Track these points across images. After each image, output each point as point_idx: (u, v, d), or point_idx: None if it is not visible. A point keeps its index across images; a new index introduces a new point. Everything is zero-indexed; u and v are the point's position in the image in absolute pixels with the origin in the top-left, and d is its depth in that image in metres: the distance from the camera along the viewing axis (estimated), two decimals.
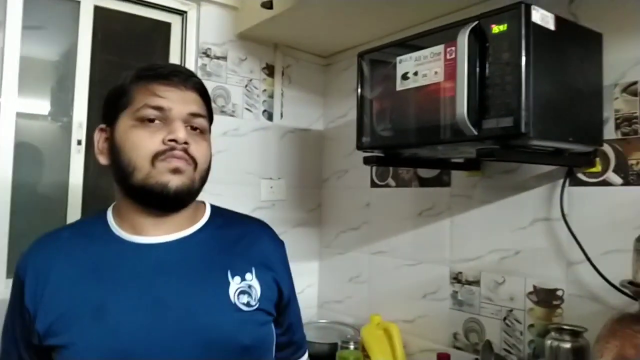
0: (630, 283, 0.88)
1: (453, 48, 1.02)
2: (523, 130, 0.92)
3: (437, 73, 1.06)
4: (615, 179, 1.13)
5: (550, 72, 0.98)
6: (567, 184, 1.20)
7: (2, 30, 1.42)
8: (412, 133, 1.15)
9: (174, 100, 0.83)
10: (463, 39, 0.98)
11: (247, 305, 0.85)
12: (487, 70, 0.98)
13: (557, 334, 1.10)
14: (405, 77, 1.14)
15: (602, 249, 1.13)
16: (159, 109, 0.82)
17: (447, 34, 1.04)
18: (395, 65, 1.16)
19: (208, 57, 1.73)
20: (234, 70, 1.79)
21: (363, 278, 1.79)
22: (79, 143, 1.55)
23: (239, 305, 0.84)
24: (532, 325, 1.27)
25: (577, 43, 1.06)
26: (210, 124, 0.93)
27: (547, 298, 1.24)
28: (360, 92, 1.28)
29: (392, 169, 1.71)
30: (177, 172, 0.82)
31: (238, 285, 0.86)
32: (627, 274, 0.92)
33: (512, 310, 1.32)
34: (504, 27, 0.95)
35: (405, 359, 1.51)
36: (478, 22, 0.98)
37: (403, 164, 1.51)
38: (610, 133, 1.14)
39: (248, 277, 0.88)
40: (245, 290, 0.86)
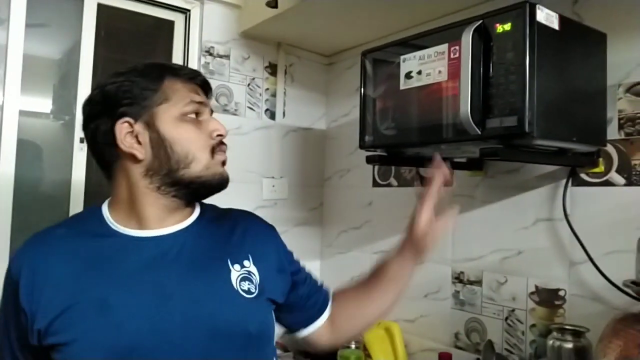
0: (633, 283, 0.88)
1: (457, 47, 1.02)
2: (527, 130, 0.92)
3: (440, 72, 1.06)
4: (618, 179, 1.13)
5: (554, 71, 0.98)
6: (570, 184, 1.20)
7: (5, 28, 1.43)
8: (415, 132, 1.15)
9: (203, 97, 0.91)
10: (467, 38, 0.98)
11: (248, 293, 0.86)
12: (491, 70, 0.98)
13: (559, 334, 1.10)
14: (409, 76, 1.14)
15: (604, 249, 1.13)
16: (201, 104, 0.88)
17: (451, 33, 1.04)
18: (399, 64, 1.16)
19: (211, 55, 1.73)
20: (237, 69, 1.79)
21: None
22: (82, 141, 1.55)
23: (241, 292, 0.85)
24: (534, 325, 1.27)
25: (581, 43, 1.06)
26: None
27: (549, 298, 1.24)
28: (364, 91, 1.28)
29: (394, 169, 1.71)
30: (224, 164, 0.90)
31: (239, 272, 0.88)
32: (629, 274, 0.92)
33: (514, 310, 1.32)
34: (509, 26, 0.95)
35: (407, 359, 1.51)
36: (482, 21, 0.98)
37: (406, 164, 1.51)
38: (614, 133, 1.13)
39: (246, 264, 0.90)
40: (246, 277, 0.88)
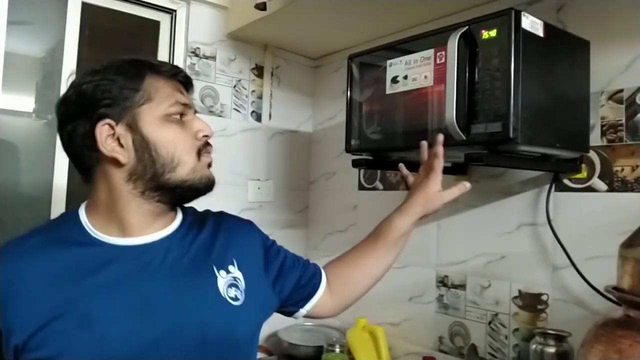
0: (615, 288, 0.89)
1: (443, 53, 1.02)
2: (511, 136, 0.93)
3: (426, 77, 1.07)
4: (601, 185, 1.14)
5: (539, 78, 0.99)
6: (553, 190, 1.21)
7: None
8: (401, 136, 1.15)
9: (186, 95, 0.87)
10: (453, 44, 0.98)
11: (235, 299, 0.84)
12: (476, 76, 0.98)
13: (541, 339, 1.11)
14: (395, 80, 1.14)
15: (586, 255, 1.14)
16: (185, 105, 0.85)
17: (437, 39, 1.04)
18: (385, 69, 1.16)
19: (197, 56, 1.71)
20: (223, 70, 1.78)
21: None
22: None
23: (228, 300, 0.84)
24: (517, 330, 1.28)
25: (565, 50, 1.07)
26: None
27: (532, 302, 1.25)
28: (350, 94, 1.28)
29: (379, 172, 1.71)
30: (210, 166, 0.87)
31: (225, 279, 0.86)
32: (611, 279, 0.93)
33: (497, 315, 1.33)
34: (494, 32, 0.96)
35: None
36: (468, 27, 0.99)
37: (391, 167, 1.51)
38: (596, 140, 1.15)
39: (232, 269, 0.88)
40: (233, 283, 0.86)
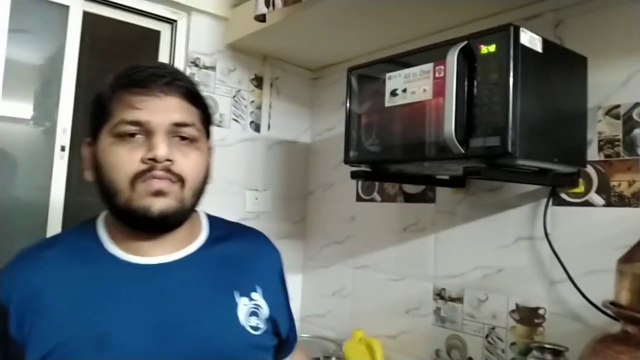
0: (612, 304, 0.89)
1: (442, 67, 1.03)
2: (509, 150, 0.93)
3: (425, 91, 1.07)
4: (598, 200, 1.15)
5: (537, 93, 1.00)
6: (550, 204, 1.21)
7: None
8: (399, 149, 1.16)
9: (154, 111, 0.74)
10: (452, 58, 0.99)
11: (255, 329, 0.81)
12: (475, 90, 0.99)
13: (538, 353, 1.10)
14: (394, 93, 1.15)
15: (584, 269, 1.14)
16: (137, 124, 0.74)
17: (436, 53, 1.05)
18: (385, 82, 1.17)
19: (197, 66, 1.72)
20: (223, 81, 1.78)
21: (346, 292, 1.78)
22: (63, 149, 1.52)
23: (248, 329, 0.80)
24: (514, 344, 1.28)
25: (563, 66, 1.08)
26: (207, 128, 0.85)
27: (529, 316, 1.25)
28: (349, 106, 1.28)
29: (377, 184, 1.71)
30: (159, 194, 0.74)
31: (246, 306, 0.82)
32: (608, 294, 0.93)
33: (494, 328, 1.32)
34: (493, 47, 0.96)
35: None
36: (467, 42, 1.00)
37: (389, 179, 1.52)
38: (594, 155, 1.16)
39: (255, 296, 0.84)
40: (254, 311, 0.82)
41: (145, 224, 0.76)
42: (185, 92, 0.79)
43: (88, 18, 1.59)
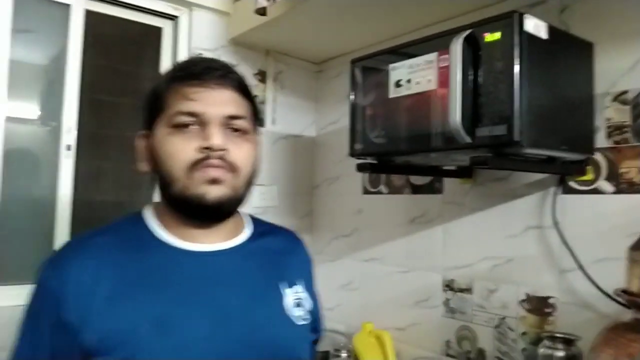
0: (624, 292, 0.88)
1: (446, 56, 1.02)
2: (516, 139, 0.92)
3: (430, 81, 1.06)
4: (607, 187, 1.14)
5: (543, 80, 0.99)
6: (559, 192, 1.20)
7: None
8: (405, 140, 1.15)
9: (209, 103, 0.77)
10: (456, 47, 0.98)
11: (299, 319, 0.83)
12: (480, 79, 0.98)
13: (550, 342, 1.10)
14: (398, 84, 1.14)
15: (594, 257, 1.13)
16: (193, 115, 0.77)
17: (440, 42, 1.04)
18: (388, 73, 1.16)
19: None
20: None
21: (355, 285, 1.78)
22: (68, 148, 1.53)
23: (293, 319, 0.82)
24: (524, 333, 1.27)
25: (569, 52, 1.07)
26: (258, 121, 0.88)
27: (539, 306, 1.24)
28: (353, 98, 1.27)
29: (384, 176, 1.71)
30: (215, 182, 0.77)
31: (291, 297, 0.85)
32: (619, 282, 0.93)
33: (504, 318, 1.32)
34: (498, 35, 0.95)
35: None
36: (472, 30, 0.99)
37: (396, 171, 1.51)
38: (602, 141, 1.14)
39: (298, 289, 0.87)
40: (298, 303, 0.85)
41: (200, 212, 0.78)
42: (238, 85, 0.82)
43: (90, 17, 1.59)
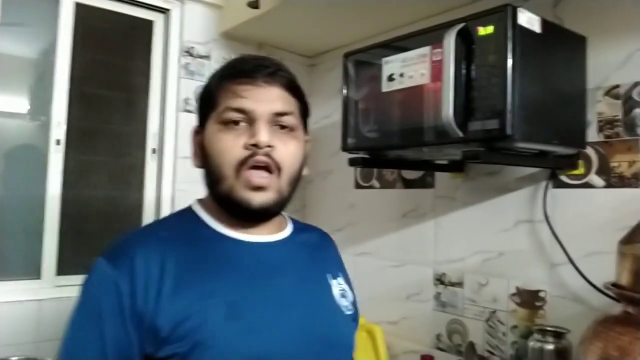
0: (614, 285, 0.89)
1: (439, 50, 1.02)
2: (508, 133, 0.92)
3: (423, 75, 1.06)
4: (598, 181, 1.14)
5: (536, 74, 0.99)
6: (550, 186, 1.21)
7: None
8: (397, 135, 1.15)
9: (257, 100, 0.79)
10: (449, 41, 0.97)
11: (346, 309, 0.86)
12: (473, 72, 0.98)
13: (540, 336, 1.11)
14: (391, 78, 1.14)
15: (584, 251, 1.14)
16: (242, 111, 0.78)
17: (433, 36, 1.04)
18: (381, 67, 1.16)
19: (191, 56, 1.70)
20: None
21: None
22: (58, 142, 1.51)
23: (342, 308, 0.85)
24: (515, 327, 1.28)
25: (562, 46, 1.07)
26: (306, 119, 0.88)
27: (530, 299, 1.25)
28: (346, 93, 1.27)
29: (376, 171, 1.71)
30: (259, 189, 0.78)
31: (337, 289, 0.87)
32: (609, 276, 0.93)
33: (495, 312, 1.32)
34: (491, 29, 0.95)
35: None
36: (465, 24, 0.98)
37: (388, 166, 1.51)
38: (593, 136, 1.15)
39: (340, 281, 0.90)
40: (343, 294, 0.88)
41: (246, 215, 0.81)
42: (287, 83, 0.83)
43: (80, 9, 1.57)
